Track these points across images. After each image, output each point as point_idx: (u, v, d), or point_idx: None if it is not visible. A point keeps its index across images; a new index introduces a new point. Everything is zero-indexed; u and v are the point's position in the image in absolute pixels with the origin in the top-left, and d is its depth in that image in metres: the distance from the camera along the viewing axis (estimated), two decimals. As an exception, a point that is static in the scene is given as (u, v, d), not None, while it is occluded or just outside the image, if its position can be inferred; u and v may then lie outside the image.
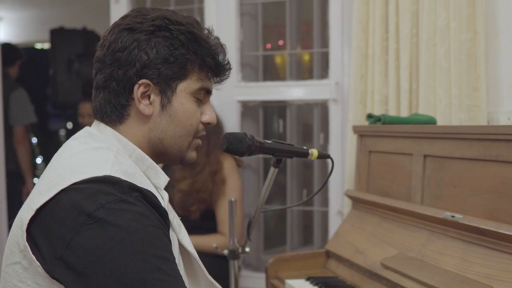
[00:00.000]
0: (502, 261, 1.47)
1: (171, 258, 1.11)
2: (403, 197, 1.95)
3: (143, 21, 1.24)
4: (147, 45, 1.21)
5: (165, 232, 1.14)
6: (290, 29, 3.02)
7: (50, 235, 1.07)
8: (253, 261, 3.13)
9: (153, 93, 1.23)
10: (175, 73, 1.23)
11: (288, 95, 2.89)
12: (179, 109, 1.25)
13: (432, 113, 2.25)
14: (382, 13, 2.40)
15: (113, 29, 1.25)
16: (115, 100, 1.24)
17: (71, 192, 1.08)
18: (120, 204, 1.07)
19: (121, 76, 1.22)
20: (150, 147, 1.26)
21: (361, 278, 1.92)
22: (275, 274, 2.12)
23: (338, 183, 2.71)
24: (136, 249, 1.05)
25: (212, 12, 2.97)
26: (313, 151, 1.60)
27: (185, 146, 1.28)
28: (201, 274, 1.32)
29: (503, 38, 2.25)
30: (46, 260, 1.07)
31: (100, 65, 1.25)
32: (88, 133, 1.25)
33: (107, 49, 1.24)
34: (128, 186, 1.10)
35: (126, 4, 3.13)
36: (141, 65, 1.21)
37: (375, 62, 2.41)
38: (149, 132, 1.25)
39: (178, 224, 1.28)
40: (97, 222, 1.04)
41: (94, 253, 1.04)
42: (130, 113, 1.25)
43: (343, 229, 2.17)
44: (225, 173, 2.69)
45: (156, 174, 1.26)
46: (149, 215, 1.09)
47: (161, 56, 1.22)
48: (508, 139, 1.53)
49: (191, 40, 1.24)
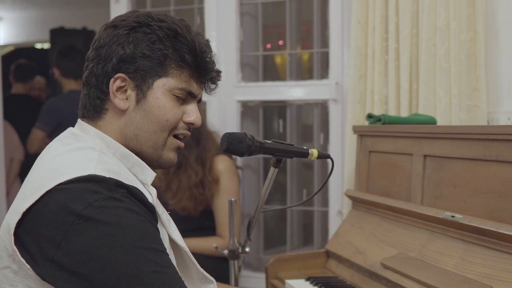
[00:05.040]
0: (502, 261, 1.47)
1: (163, 250, 1.12)
2: (403, 197, 1.95)
3: (127, 19, 1.25)
4: (125, 40, 1.22)
5: (155, 225, 1.15)
6: (290, 29, 3.02)
7: (38, 237, 1.07)
8: (253, 261, 3.13)
9: (130, 88, 1.23)
10: (152, 68, 1.23)
11: (288, 95, 2.89)
12: (154, 104, 1.23)
13: (432, 113, 2.25)
14: (382, 13, 2.40)
15: (101, 28, 1.27)
16: (94, 94, 1.25)
17: (56, 193, 1.08)
18: (108, 201, 1.07)
19: (99, 71, 1.23)
20: (127, 145, 1.25)
21: (361, 278, 1.92)
22: (275, 274, 2.12)
23: (338, 183, 2.71)
24: (128, 244, 1.05)
25: (212, 12, 2.97)
26: (313, 151, 1.60)
27: (160, 143, 1.26)
28: (193, 267, 1.32)
29: (503, 38, 2.25)
30: (37, 262, 1.07)
31: (87, 63, 1.27)
32: (71, 133, 1.25)
33: (92, 46, 1.26)
34: (114, 184, 1.10)
35: (126, 4, 3.13)
36: (117, 59, 1.22)
37: (375, 62, 2.41)
38: (125, 128, 1.24)
39: (167, 219, 1.27)
40: (86, 221, 1.04)
41: (87, 252, 1.04)
42: (108, 108, 1.25)
43: (343, 229, 2.17)
44: (219, 175, 2.68)
45: (142, 170, 1.25)
46: (137, 210, 1.10)
47: (139, 51, 1.22)
48: (508, 139, 1.53)
49: (170, 36, 1.23)
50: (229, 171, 2.70)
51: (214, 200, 2.68)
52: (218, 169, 2.68)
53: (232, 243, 1.78)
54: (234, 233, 1.78)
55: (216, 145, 2.70)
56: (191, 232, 2.70)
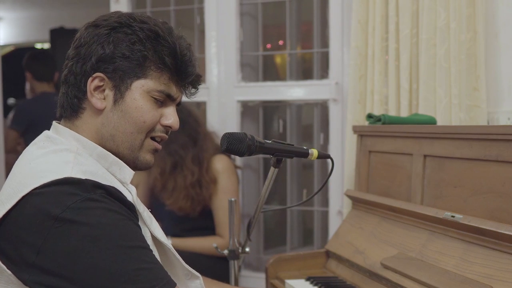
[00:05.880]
0: (502, 261, 1.47)
1: (147, 246, 1.12)
2: (403, 197, 1.95)
3: (109, 19, 1.24)
4: (105, 39, 1.21)
5: (136, 223, 1.14)
6: (290, 29, 3.02)
7: (17, 243, 1.07)
8: (253, 261, 3.13)
9: (108, 88, 1.23)
10: (131, 69, 1.22)
11: (288, 95, 2.89)
12: (131, 105, 1.23)
13: (432, 113, 2.25)
14: (382, 13, 2.40)
15: (82, 27, 1.27)
16: (72, 93, 1.25)
17: (33, 198, 1.07)
18: (86, 203, 1.06)
19: (78, 70, 1.23)
20: (103, 146, 1.24)
21: (361, 278, 1.92)
22: (275, 274, 2.12)
23: (338, 183, 2.71)
24: (110, 244, 1.05)
25: (212, 12, 2.97)
26: (313, 151, 1.60)
27: (137, 145, 1.25)
28: (178, 264, 1.31)
29: (503, 38, 2.25)
30: (18, 268, 1.07)
31: (67, 61, 1.27)
32: (46, 136, 1.24)
33: (73, 45, 1.26)
34: (91, 184, 1.09)
35: (126, 4, 3.13)
36: (96, 59, 1.21)
37: (375, 62, 2.41)
38: (101, 127, 1.24)
39: (149, 217, 1.26)
40: (65, 224, 1.04)
41: (69, 254, 1.03)
42: (85, 107, 1.25)
43: (343, 229, 2.17)
44: (217, 174, 2.68)
45: (120, 169, 1.24)
46: (117, 210, 1.09)
47: (118, 51, 1.21)
48: (508, 139, 1.53)
49: (151, 37, 1.22)
50: (227, 171, 2.70)
51: (212, 199, 2.67)
52: (216, 168, 2.68)
53: (232, 243, 1.78)
54: (234, 233, 1.78)
55: (214, 145, 2.69)
56: (190, 232, 2.70)
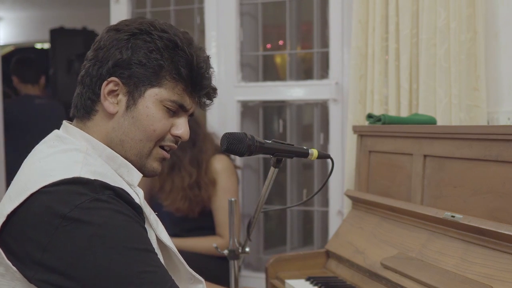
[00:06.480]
0: (502, 261, 1.47)
1: (152, 250, 1.12)
2: (403, 197, 1.95)
3: (130, 24, 1.25)
4: (124, 45, 1.22)
5: (143, 226, 1.15)
6: (290, 29, 3.02)
7: (24, 240, 1.07)
8: (253, 261, 3.13)
9: (121, 93, 1.23)
10: (146, 77, 1.22)
11: (288, 95, 2.89)
12: (143, 112, 1.23)
13: (432, 113, 2.25)
14: (382, 13, 2.40)
15: (104, 30, 1.28)
16: (86, 95, 1.25)
17: (41, 196, 1.08)
18: (94, 203, 1.07)
19: (95, 72, 1.24)
20: (112, 149, 1.24)
21: (361, 278, 1.92)
22: (275, 274, 2.12)
23: (338, 183, 2.71)
24: (116, 245, 1.05)
25: (212, 12, 2.97)
26: (313, 151, 1.59)
27: (145, 152, 1.26)
28: (182, 267, 1.31)
29: (503, 38, 2.25)
30: (24, 265, 1.07)
31: (85, 62, 1.27)
32: (56, 136, 1.25)
33: (92, 46, 1.27)
34: (100, 185, 1.09)
35: (126, 4, 3.13)
36: (113, 63, 1.22)
37: (375, 62, 2.41)
38: (112, 132, 1.24)
39: (155, 220, 1.27)
40: (72, 223, 1.04)
41: (75, 254, 1.04)
42: (98, 109, 1.25)
43: (343, 229, 2.17)
44: (216, 175, 2.67)
45: (129, 171, 1.24)
46: (124, 211, 1.10)
47: (135, 58, 1.22)
48: (508, 139, 1.53)
49: (169, 47, 1.23)
50: (227, 170, 2.69)
51: (212, 200, 2.67)
52: (216, 168, 2.67)
53: (232, 243, 1.78)
54: (234, 233, 1.78)
55: (213, 146, 2.69)
56: (189, 232, 2.70)
